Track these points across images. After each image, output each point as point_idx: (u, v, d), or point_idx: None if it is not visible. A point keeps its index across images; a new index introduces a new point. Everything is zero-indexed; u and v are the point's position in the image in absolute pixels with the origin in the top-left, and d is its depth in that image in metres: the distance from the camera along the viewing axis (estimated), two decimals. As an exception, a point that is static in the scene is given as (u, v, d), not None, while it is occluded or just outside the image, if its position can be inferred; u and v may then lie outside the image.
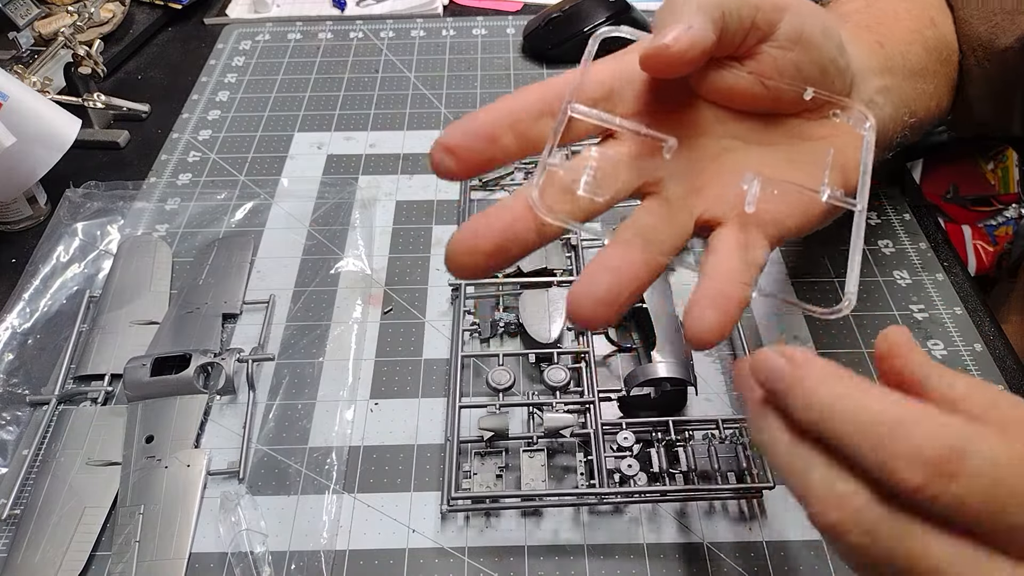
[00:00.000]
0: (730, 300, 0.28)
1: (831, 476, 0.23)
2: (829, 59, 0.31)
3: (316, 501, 0.43)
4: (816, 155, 0.32)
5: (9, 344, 0.51)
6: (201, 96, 0.73)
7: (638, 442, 0.43)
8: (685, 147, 0.30)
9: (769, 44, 0.30)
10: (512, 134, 0.28)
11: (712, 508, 0.42)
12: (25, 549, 0.41)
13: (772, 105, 0.31)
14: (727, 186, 0.30)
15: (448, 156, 0.27)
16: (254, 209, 0.61)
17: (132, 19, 0.82)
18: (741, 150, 0.32)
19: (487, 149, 0.27)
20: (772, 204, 0.30)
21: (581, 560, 0.41)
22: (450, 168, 0.27)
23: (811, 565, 0.40)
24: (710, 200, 0.31)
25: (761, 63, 0.30)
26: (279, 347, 0.51)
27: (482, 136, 0.27)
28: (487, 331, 0.51)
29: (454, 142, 0.27)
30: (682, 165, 0.30)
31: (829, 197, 0.30)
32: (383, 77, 0.75)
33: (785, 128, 0.32)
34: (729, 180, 0.30)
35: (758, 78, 0.30)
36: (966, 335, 0.51)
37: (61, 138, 0.59)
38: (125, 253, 0.56)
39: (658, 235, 0.29)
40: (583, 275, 0.28)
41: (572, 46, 0.75)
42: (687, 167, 0.30)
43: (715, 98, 0.31)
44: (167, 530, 0.41)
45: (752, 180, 0.29)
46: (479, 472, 0.43)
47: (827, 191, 0.30)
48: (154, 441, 0.45)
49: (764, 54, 0.30)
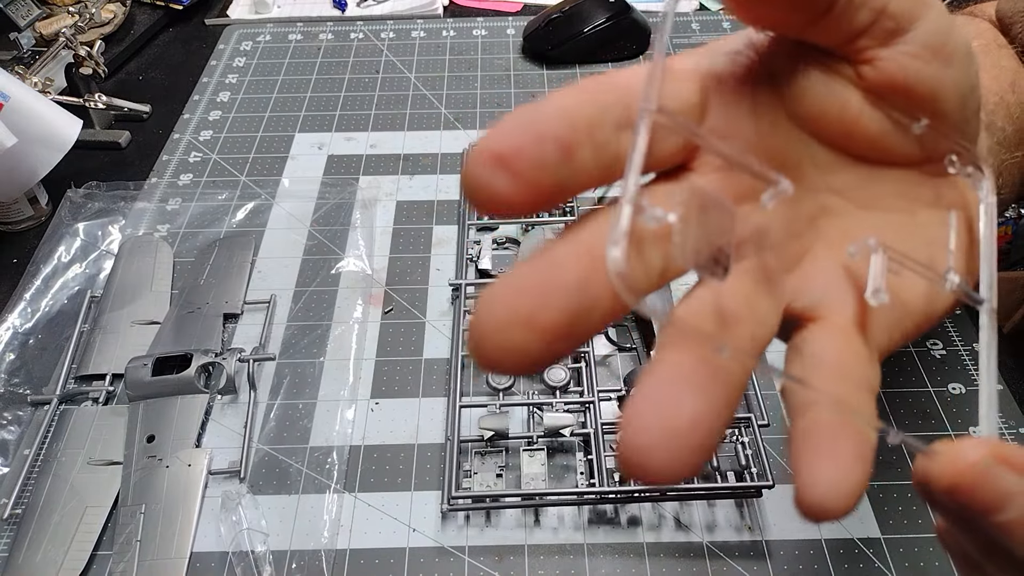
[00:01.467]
0: (862, 442, 0.17)
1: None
2: (971, 87, 0.21)
3: (317, 500, 0.43)
4: (932, 226, 0.22)
5: (11, 344, 0.52)
6: (202, 97, 0.73)
7: (638, 442, 0.43)
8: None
9: (897, 47, 0.19)
10: (591, 148, 0.17)
11: (712, 507, 0.42)
12: (27, 549, 0.41)
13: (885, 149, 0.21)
14: (830, 263, 0.21)
15: (501, 173, 0.15)
16: (255, 209, 0.61)
17: (133, 20, 0.82)
18: (843, 212, 0.22)
19: (562, 165, 0.16)
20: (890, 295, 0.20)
21: (581, 559, 0.41)
22: (502, 192, 0.15)
23: (811, 565, 0.40)
24: (807, 280, 0.21)
25: (879, 72, 0.20)
26: (280, 347, 0.51)
27: (554, 141, 0.16)
28: (487, 331, 0.51)
29: (511, 146, 0.16)
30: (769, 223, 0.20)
31: (955, 287, 0.21)
32: (383, 78, 0.75)
33: (893, 184, 0.22)
34: (831, 255, 0.21)
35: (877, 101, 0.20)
36: (965, 335, 0.51)
37: (62, 138, 0.59)
38: (126, 253, 0.57)
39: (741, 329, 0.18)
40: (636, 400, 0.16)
41: (572, 47, 0.75)
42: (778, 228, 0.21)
43: (816, 125, 0.21)
44: (168, 529, 0.41)
45: (876, 249, 0.20)
46: (479, 471, 0.44)
47: (953, 278, 0.21)
48: (155, 441, 0.45)
49: (886, 61, 0.20)
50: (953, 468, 0.17)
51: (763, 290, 0.19)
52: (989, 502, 0.17)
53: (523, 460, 0.44)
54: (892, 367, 0.49)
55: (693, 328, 0.17)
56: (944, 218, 0.22)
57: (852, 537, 0.41)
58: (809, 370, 0.19)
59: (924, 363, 0.49)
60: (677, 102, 0.19)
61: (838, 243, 0.21)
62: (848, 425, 0.17)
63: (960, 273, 0.21)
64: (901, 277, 0.21)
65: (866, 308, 0.20)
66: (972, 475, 0.17)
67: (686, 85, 0.19)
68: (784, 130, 0.21)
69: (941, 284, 0.21)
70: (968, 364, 0.49)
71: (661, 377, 0.16)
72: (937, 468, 0.17)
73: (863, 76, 0.20)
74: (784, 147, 0.21)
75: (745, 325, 0.18)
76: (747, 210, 0.20)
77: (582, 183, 0.17)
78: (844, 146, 0.22)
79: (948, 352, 0.50)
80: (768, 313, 0.19)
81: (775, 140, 0.21)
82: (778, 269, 0.20)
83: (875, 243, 0.20)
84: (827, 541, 0.41)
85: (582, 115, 0.17)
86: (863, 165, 0.22)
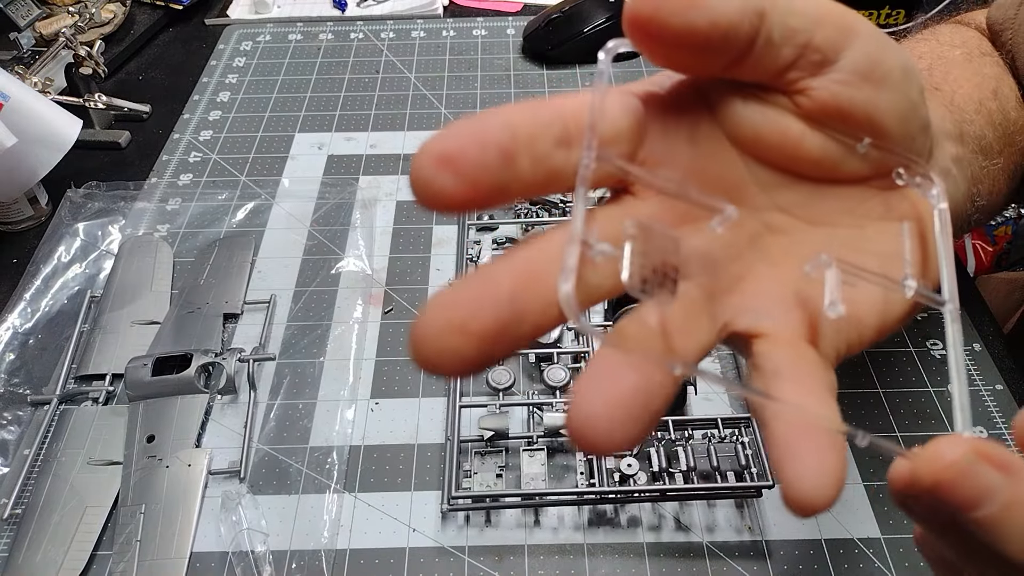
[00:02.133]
0: (833, 437, 0.19)
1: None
2: (911, 106, 0.22)
3: (317, 500, 0.43)
4: (883, 238, 0.23)
5: (10, 344, 0.52)
6: (202, 97, 0.73)
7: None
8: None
9: (828, 76, 0.20)
10: (529, 158, 0.18)
11: (712, 507, 0.42)
12: (26, 549, 0.41)
13: (829, 168, 0.22)
14: (773, 282, 0.22)
15: (445, 172, 0.17)
16: (255, 209, 0.61)
17: (133, 20, 0.82)
18: (789, 230, 0.23)
19: (503, 169, 0.18)
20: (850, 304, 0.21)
21: (581, 559, 0.41)
22: (445, 189, 0.17)
23: (811, 564, 0.40)
24: (749, 299, 0.22)
25: (813, 101, 0.21)
26: (280, 347, 0.51)
27: (496, 147, 0.18)
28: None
29: (455, 147, 0.18)
30: (709, 244, 0.21)
31: (914, 292, 0.22)
32: (383, 78, 0.75)
33: (841, 201, 0.23)
34: (774, 273, 0.22)
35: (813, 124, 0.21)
36: (965, 335, 0.51)
37: (62, 138, 0.59)
38: (126, 253, 0.57)
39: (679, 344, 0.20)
40: (583, 378, 0.18)
41: (572, 47, 0.75)
42: (717, 247, 0.22)
43: (756, 150, 0.22)
44: (168, 529, 0.41)
45: (828, 264, 0.21)
46: (479, 471, 0.44)
47: (912, 284, 0.22)
48: (155, 441, 0.45)
49: (819, 91, 0.20)
50: (934, 466, 0.17)
51: (701, 310, 0.21)
52: (970, 498, 0.17)
53: (523, 460, 0.44)
54: (892, 367, 0.49)
55: (636, 343, 0.19)
56: (895, 230, 0.23)
57: (852, 537, 0.41)
58: (771, 384, 0.20)
59: (924, 363, 0.49)
60: (614, 131, 0.20)
61: (781, 261, 0.22)
62: (817, 426, 0.19)
63: (917, 279, 0.22)
64: (856, 288, 0.22)
65: (814, 321, 0.21)
66: (953, 472, 0.17)
67: (624, 116, 0.20)
68: (725, 153, 0.22)
69: (899, 290, 0.22)
70: (968, 364, 0.49)
71: (605, 362, 0.18)
72: (918, 467, 0.18)
73: (799, 105, 0.21)
74: (725, 170, 0.22)
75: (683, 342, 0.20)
76: (688, 231, 0.21)
77: (521, 189, 0.19)
78: (788, 167, 0.22)
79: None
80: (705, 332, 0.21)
81: (715, 163, 0.22)
82: (717, 290, 0.21)
83: (827, 258, 0.21)
84: (827, 541, 0.41)
85: (524, 128, 0.18)
86: (810, 183, 0.23)
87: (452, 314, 0.17)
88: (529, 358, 0.48)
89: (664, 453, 0.43)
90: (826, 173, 0.22)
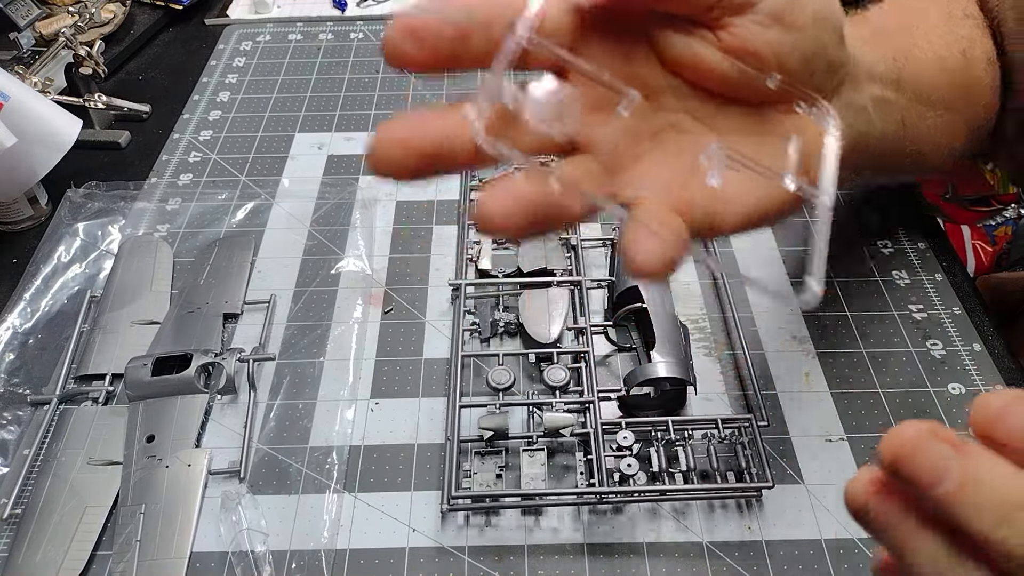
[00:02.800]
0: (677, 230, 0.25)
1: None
2: (815, 49, 0.27)
3: (317, 500, 0.43)
4: (778, 148, 0.28)
5: (10, 344, 0.51)
6: (202, 96, 0.73)
7: (637, 441, 0.43)
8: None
9: (747, 17, 0.26)
10: (484, 38, 0.24)
11: (711, 507, 0.42)
12: (26, 549, 0.41)
13: (740, 91, 0.27)
14: (662, 167, 0.27)
15: (409, 39, 0.23)
16: (255, 209, 0.61)
17: (133, 20, 0.82)
18: (691, 130, 0.28)
19: (458, 43, 0.23)
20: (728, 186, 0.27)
21: (581, 560, 0.41)
22: (407, 54, 0.23)
23: (810, 564, 0.40)
24: (635, 178, 0.27)
25: (733, 38, 0.26)
26: (280, 347, 0.51)
27: (454, 26, 0.23)
28: (487, 331, 0.51)
29: (421, 23, 0.23)
30: (618, 130, 0.27)
31: (794, 185, 0.27)
32: (383, 78, 0.75)
33: (746, 116, 0.28)
34: (665, 160, 0.27)
35: (727, 56, 0.26)
36: (965, 335, 0.51)
37: (62, 138, 0.59)
38: (126, 253, 0.56)
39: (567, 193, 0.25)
40: (491, 184, 0.25)
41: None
42: (623, 133, 0.27)
43: (677, 69, 0.27)
44: (168, 529, 0.41)
45: (716, 149, 0.27)
46: (479, 471, 0.44)
47: (790, 176, 0.27)
48: (155, 441, 0.45)
49: (739, 28, 0.26)
50: (892, 443, 0.20)
51: (594, 179, 0.26)
52: (927, 471, 0.19)
53: (523, 460, 0.44)
54: (892, 367, 0.49)
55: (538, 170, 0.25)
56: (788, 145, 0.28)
57: (852, 537, 0.41)
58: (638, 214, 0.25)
59: (924, 363, 0.49)
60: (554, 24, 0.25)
61: (675, 153, 0.27)
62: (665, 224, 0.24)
63: (797, 176, 0.27)
64: (738, 174, 0.27)
65: (688, 199, 0.26)
66: (911, 446, 0.20)
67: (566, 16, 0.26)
68: (653, 67, 0.27)
69: (779, 181, 0.27)
70: (968, 364, 0.49)
71: (510, 176, 0.24)
72: (881, 447, 0.20)
73: (721, 39, 0.26)
74: (650, 78, 0.27)
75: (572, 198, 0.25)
76: (601, 117, 0.26)
77: (472, 60, 0.24)
78: (702, 85, 0.27)
79: (948, 352, 0.50)
80: (593, 193, 0.26)
81: (642, 71, 0.27)
82: (615, 167, 0.27)
83: (719, 146, 0.27)
84: (827, 541, 0.41)
85: (480, 14, 0.24)
86: (721, 99, 0.28)
87: (398, 132, 0.24)
88: (529, 358, 0.48)
89: (664, 454, 0.43)
90: (738, 93, 0.27)
